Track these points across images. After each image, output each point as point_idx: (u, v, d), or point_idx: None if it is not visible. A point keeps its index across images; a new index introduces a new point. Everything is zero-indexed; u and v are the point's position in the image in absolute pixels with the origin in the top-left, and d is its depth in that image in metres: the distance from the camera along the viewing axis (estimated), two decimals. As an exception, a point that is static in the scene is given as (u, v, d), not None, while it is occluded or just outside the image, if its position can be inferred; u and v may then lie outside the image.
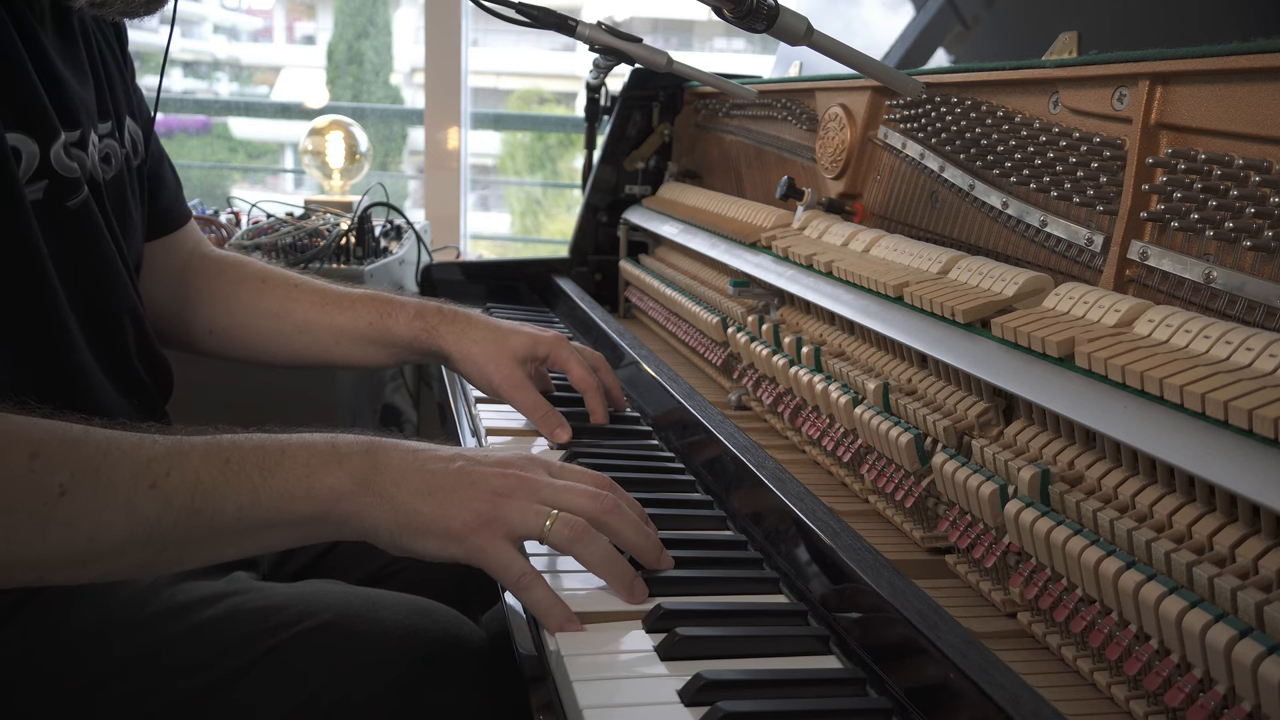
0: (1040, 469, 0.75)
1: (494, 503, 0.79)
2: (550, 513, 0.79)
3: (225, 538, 0.77)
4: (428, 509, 0.78)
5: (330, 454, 0.79)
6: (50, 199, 0.91)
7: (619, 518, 0.81)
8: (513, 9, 1.40)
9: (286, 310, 1.23)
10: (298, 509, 0.78)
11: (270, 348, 1.24)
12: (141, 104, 1.17)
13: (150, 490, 0.74)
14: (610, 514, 0.80)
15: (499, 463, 0.83)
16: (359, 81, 7.90)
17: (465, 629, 0.92)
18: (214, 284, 1.25)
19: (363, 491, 0.78)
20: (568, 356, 1.18)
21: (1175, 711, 0.62)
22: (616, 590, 0.79)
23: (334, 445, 0.80)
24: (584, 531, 0.78)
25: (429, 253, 2.22)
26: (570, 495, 0.80)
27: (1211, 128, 0.77)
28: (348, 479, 0.78)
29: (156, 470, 0.74)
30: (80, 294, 0.95)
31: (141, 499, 0.73)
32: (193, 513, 0.75)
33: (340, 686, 0.86)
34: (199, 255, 1.27)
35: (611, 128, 1.93)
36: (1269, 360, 0.62)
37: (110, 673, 0.85)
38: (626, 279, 1.85)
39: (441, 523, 0.78)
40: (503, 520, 0.78)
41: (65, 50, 0.98)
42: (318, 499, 0.78)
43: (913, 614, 0.68)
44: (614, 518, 0.81)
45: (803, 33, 1.02)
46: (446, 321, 1.19)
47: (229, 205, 2.32)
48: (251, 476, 0.77)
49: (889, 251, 1.07)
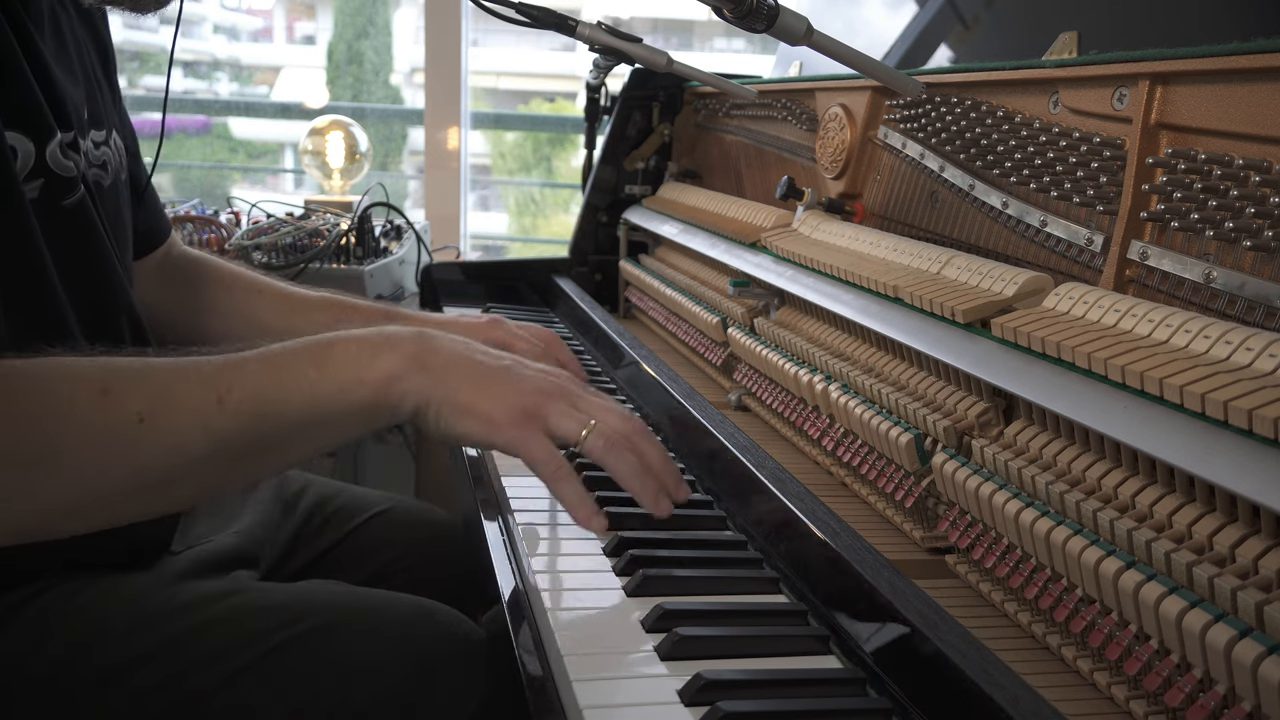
0: (1040, 469, 0.75)
1: (537, 400, 0.83)
2: (589, 421, 0.83)
3: (291, 439, 0.81)
4: (474, 395, 0.82)
5: (381, 341, 0.82)
6: (46, 198, 0.92)
7: (647, 441, 0.86)
8: (513, 9, 1.40)
9: (250, 314, 1.27)
10: (353, 396, 0.80)
11: None
12: (124, 119, 1.18)
13: (218, 406, 0.76)
14: (640, 436, 0.85)
15: (543, 370, 0.87)
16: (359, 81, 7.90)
17: (465, 629, 0.92)
18: (183, 287, 1.27)
19: (415, 370, 0.81)
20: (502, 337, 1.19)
21: (1175, 711, 0.62)
22: (644, 501, 0.84)
23: (383, 333, 0.83)
24: (619, 443, 0.83)
25: (429, 253, 2.22)
26: (606, 411, 0.85)
27: (1211, 128, 0.77)
28: (400, 360, 0.81)
29: (220, 386, 0.77)
30: (79, 294, 0.95)
31: (212, 416, 0.76)
32: (258, 419, 0.78)
33: (340, 687, 0.86)
34: (172, 258, 1.29)
35: (611, 128, 1.93)
36: (1269, 360, 0.62)
37: (110, 673, 0.85)
38: (626, 279, 1.85)
39: (485, 409, 0.82)
40: (543, 418, 0.82)
41: (58, 52, 0.98)
42: (372, 384, 0.80)
43: (913, 614, 0.68)
44: (643, 440, 0.85)
45: (803, 33, 1.02)
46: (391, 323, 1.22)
47: (229, 205, 2.31)
48: (308, 373, 0.79)
49: (889, 251, 1.07)
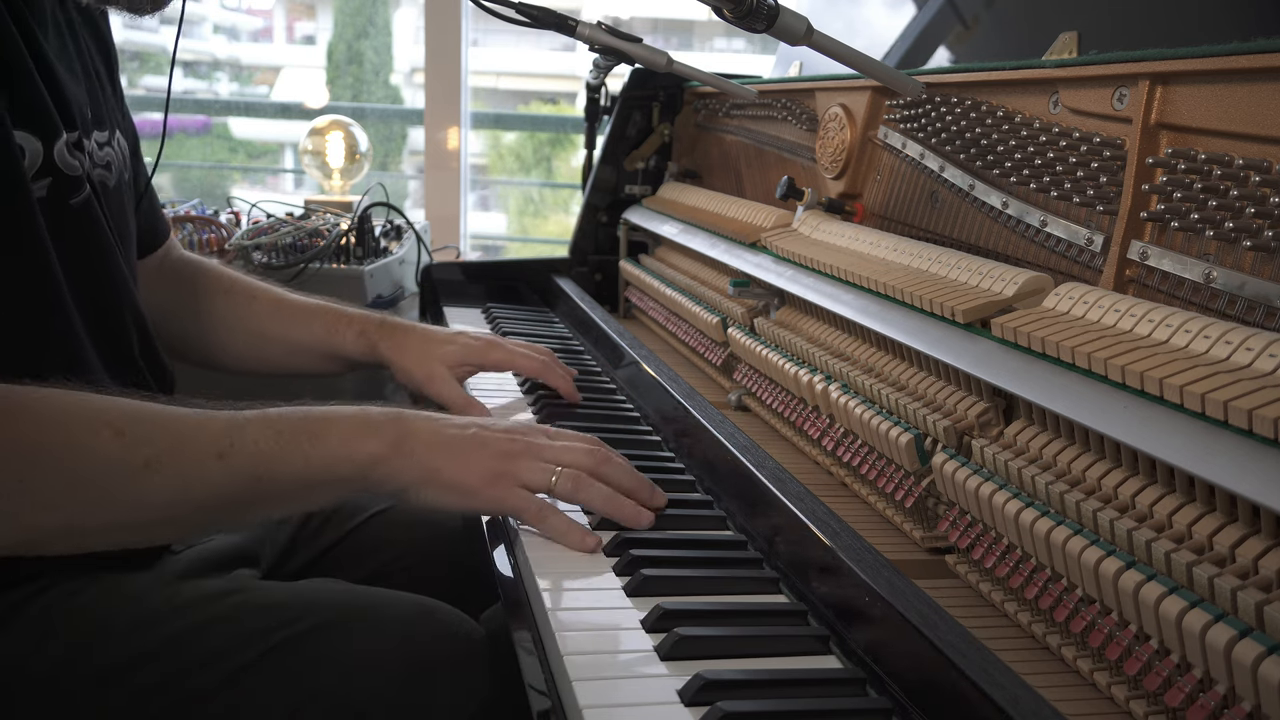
0: (1040, 469, 0.75)
1: (505, 463, 0.90)
2: (555, 469, 0.90)
3: (280, 498, 0.88)
4: (447, 468, 0.89)
5: (365, 423, 0.89)
6: (54, 197, 0.92)
7: (612, 467, 0.93)
8: (513, 9, 1.40)
9: (245, 321, 1.30)
10: (341, 471, 0.87)
11: (229, 357, 1.31)
12: (127, 119, 1.18)
13: (219, 460, 0.83)
14: (604, 465, 0.92)
15: (506, 430, 0.93)
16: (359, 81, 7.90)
17: (465, 628, 0.92)
18: (180, 291, 1.28)
19: (394, 455, 0.88)
20: (500, 358, 1.27)
21: (1175, 711, 0.62)
22: (623, 520, 0.91)
23: (367, 415, 0.90)
24: (586, 482, 0.90)
25: (429, 253, 2.22)
26: (569, 453, 0.92)
27: (1211, 128, 0.77)
28: (382, 445, 0.88)
29: (222, 443, 0.83)
30: (84, 293, 0.95)
31: (213, 470, 0.83)
32: (254, 479, 0.84)
33: (340, 685, 0.86)
34: (170, 260, 1.30)
35: (611, 128, 1.93)
36: (1269, 360, 0.62)
37: (111, 672, 0.85)
38: (626, 279, 1.85)
39: (461, 479, 0.89)
40: (514, 476, 0.90)
41: (61, 51, 0.98)
42: (358, 462, 0.87)
43: (913, 614, 0.68)
44: (608, 468, 0.92)
45: (803, 33, 1.02)
46: (385, 336, 1.28)
47: (229, 205, 2.31)
48: (302, 445, 0.86)
49: (889, 251, 1.07)
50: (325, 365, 1.31)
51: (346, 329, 1.28)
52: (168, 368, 1.11)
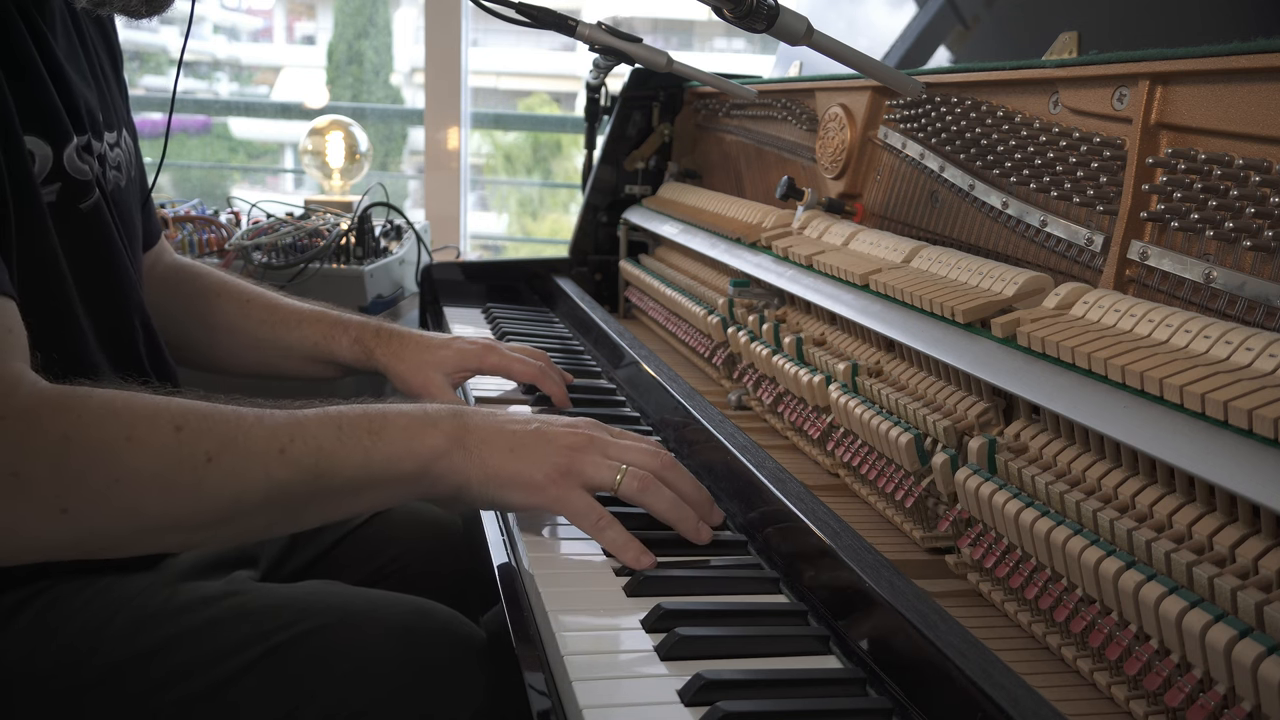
0: (1040, 469, 0.75)
1: (570, 457, 0.88)
2: (620, 467, 0.88)
3: (341, 496, 0.85)
4: (512, 464, 0.87)
5: (426, 418, 0.88)
6: (63, 201, 0.92)
7: (677, 473, 0.91)
8: (513, 9, 1.40)
9: (240, 326, 1.29)
10: (402, 468, 0.86)
11: (224, 361, 1.31)
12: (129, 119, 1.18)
13: (280, 456, 0.81)
14: (670, 469, 0.91)
15: (569, 425, 0.92)
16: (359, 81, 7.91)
17: (465, 629, 0.92)
18: (175, 294, 1.28)
19: (456, 450, 0.87)
20: (496, 363, 1.27)
21: (1175, 711, 0.62)
22: (684, 532, 0.89)
23: (426, 411, 0.89)
24: (652, 483, 0.88)
25: (429, 253, 2.22)
26: (634, 452, 0.90)
27: (1211, 128, 0.77)
28: (444, 439, 0.87)
29: (283, 438, 0.82)
30: (93, 296, 0.96)
31: (274, 464, 0.81)
32: (316, 475, 0.82)
33: (339, 687, 0.86)
34: (163, 265, 1.30)
35: (611, 128, 1.93)
36: (1269, 360, 0.62)
37: (109, 674, 0.85)
38: (626, 279, 1.85)
39: (525, 475, 0.87)
40: (579, 472, 0.88)
41: (71, 54, 0.99)
42: (420, 457, 0.86)
43: (913, 614, 0.68)
44: (674, 473, 0.91)
45: (803, 33, 1.02)
46: (381, 343, 1.28)
47: (229, 205, 2.31)
48: (362, 440, 0.84)
49: (889, 251, 1.07)
50: (321, 370, 1.31)
51: (342, 335, 1.28)
52: (173, 368, 1.11)
